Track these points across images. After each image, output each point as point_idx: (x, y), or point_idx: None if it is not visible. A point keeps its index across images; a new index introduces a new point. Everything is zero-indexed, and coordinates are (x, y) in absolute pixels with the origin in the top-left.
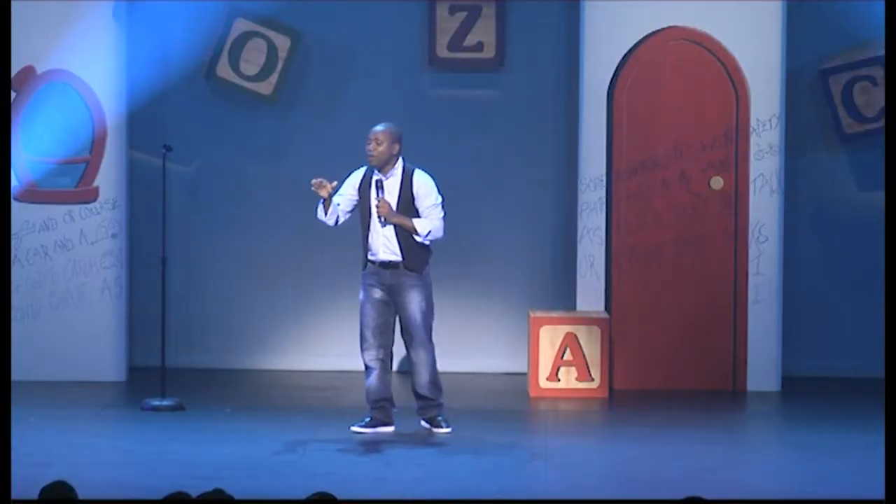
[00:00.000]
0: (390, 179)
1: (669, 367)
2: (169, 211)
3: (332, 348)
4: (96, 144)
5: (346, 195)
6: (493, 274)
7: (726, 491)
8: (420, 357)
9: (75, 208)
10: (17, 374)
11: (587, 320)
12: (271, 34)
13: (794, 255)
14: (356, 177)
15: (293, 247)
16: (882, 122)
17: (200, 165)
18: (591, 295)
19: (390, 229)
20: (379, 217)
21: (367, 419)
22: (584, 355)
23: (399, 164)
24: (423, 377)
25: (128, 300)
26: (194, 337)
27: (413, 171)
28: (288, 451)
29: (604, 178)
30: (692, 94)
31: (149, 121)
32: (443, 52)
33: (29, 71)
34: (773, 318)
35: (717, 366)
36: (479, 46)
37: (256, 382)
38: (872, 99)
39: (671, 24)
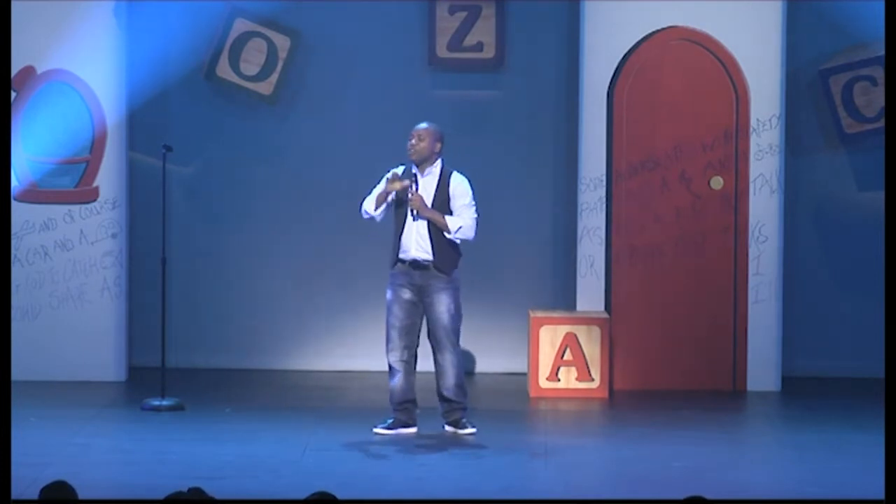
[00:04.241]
0: (427, 177)
1: (669, 367)
2: (169, 211)
3: (333, 348)
4: (96, 144)
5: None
6: (493, 274)
7: (726, 491)
8: (446, 360)
9: (75, 208)
10: (17, 374)
11: (587, 320)
12: (271, 34)
13: (794, 255)
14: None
15: (293, 247)
16: (882, 122)
17: (200, 165)
18: (591, 295)
19: (424, 227)
20: (411, 210)
21: (390, 420)
22: (584, 355)
23: (438, 164)
24: (449, 380)
25: (128, 300)
26: (194, 337)
27: (451, 172)
28: (288, 451)
29: (604, 178)
30: (692, 94)
31: (149, 121)
32: (443, 52)
33: (29, 71)
34: (773, 318)
35: (717, 366)
36: (479, 46)
37: (256, 382)
38: (872, 99)
39: (671, 24)
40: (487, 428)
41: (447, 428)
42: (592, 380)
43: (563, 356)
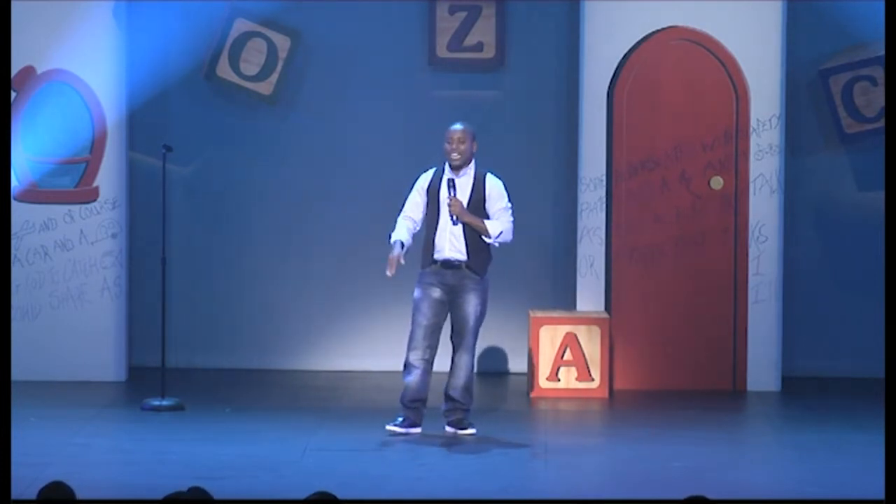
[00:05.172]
0: (462, 179)
1: (669, 367)
2: (169, 211)
3: (333, 348)
4: (96, 144)
5: (416, 202)
6: (493, 274)
7: (726, 491)
8: (462, 360)
9: (75, 208)
10: (17, 374)
11: (587, 320)
12: (271, 34)
13: (794, 255)
14: (424, 179)
15: (293, 247)
16: (882, 122)
17: (200, 165)
18: (591, 295)
19: (458, 228)
20: (450, 215)
21: (401, 419)
22: (584, 355)
23: (472, 165)
24: (459, 380)
25: (128, 300)
26: (194, 337)
27: (485, 174)
28: (288, 451)
29: (604, 178)
30: (692, 94)
31: (149, 121)
32: (443, 52)
33: (29, 71)
34: (773, 318)
35: (717, 366)
36: (479, 46)
37: (256, 382)
38: (872, 99)
39: (671, 24)
40: (487, 428)
41: (448, 428)
42: (592, 380)
43: (563, 356)
